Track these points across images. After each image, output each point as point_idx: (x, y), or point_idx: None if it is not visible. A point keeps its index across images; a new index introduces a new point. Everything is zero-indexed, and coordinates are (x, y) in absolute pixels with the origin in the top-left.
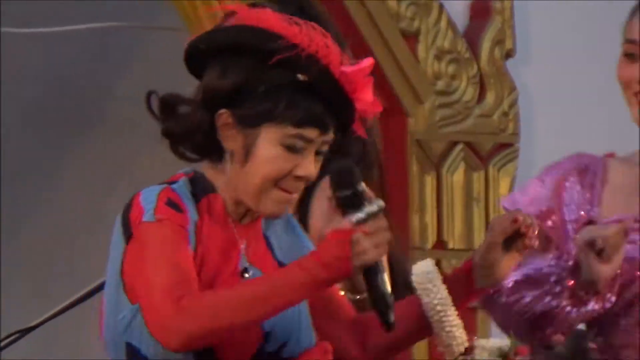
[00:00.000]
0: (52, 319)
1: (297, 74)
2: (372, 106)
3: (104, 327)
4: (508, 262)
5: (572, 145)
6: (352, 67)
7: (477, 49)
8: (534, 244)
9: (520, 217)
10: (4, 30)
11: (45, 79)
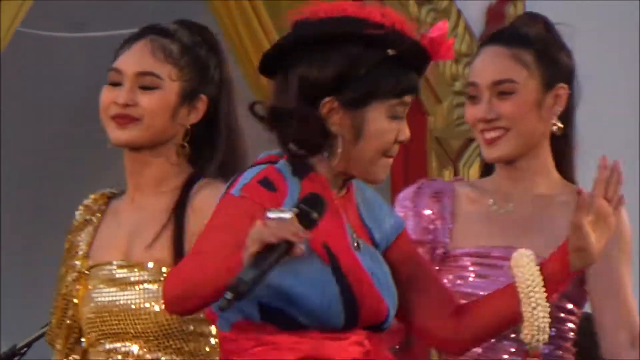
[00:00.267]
0: None
1: (388, 50)
2: (449, 56)
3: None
4: (599, 241)
5: (580, 141)
6: (434, 32)
7: None
8: (618, 206)
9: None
10: (53, 35)
11: (88, 80)
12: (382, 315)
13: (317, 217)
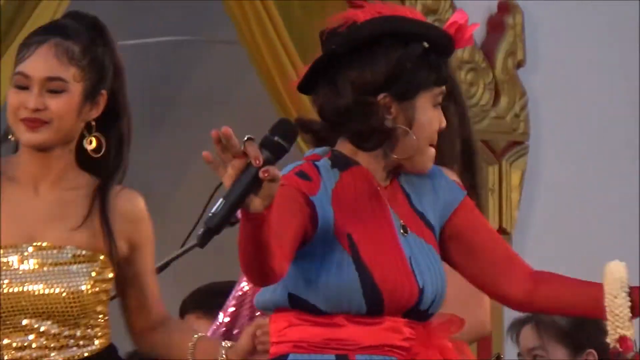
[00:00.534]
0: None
1: (423, 43)
2: (470, 43)
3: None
4: None
5: (574, 142)
6: (459, 20)
7: (492, 60)
8: None
9: None
10: None
11: None
12: (412, 297)
13: (279, 140)
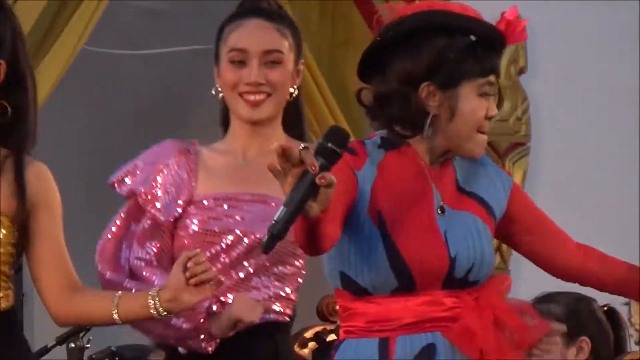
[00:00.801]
0: None
1: (470, 36)
2: (523, 38)
3: (326, 258)
4: None
5: (574, 144)
6: (509, 16)
7: None
8: None
9: None
10: (115, 52)
11: (146, 91)
12: (441, 268)
13: (332, 147)
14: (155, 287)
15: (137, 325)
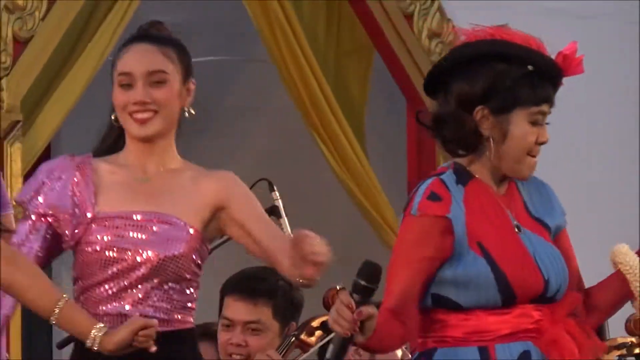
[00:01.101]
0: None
1: (528, 66)
2: (579, 71)
3: None
4: None
5: (574, 144)
6: (567, 50)
7: None
8: None
9: None
10: None
11: None
12: (538, 287)
13: (365, 284)
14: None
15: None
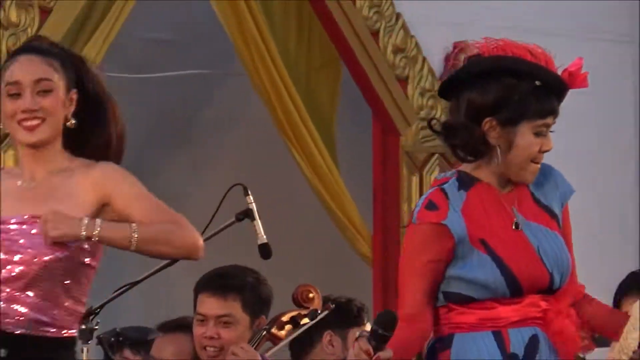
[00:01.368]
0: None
1: (536, 81)
2: (584, 85)
3: None
4: None
5: (574, 144)
6: (572, 67)
7: None
8: None
9: None
10: (121, 76)
11: (150, 111)
12: (544, 281)
13: (381, 332)
14: None
15: None
